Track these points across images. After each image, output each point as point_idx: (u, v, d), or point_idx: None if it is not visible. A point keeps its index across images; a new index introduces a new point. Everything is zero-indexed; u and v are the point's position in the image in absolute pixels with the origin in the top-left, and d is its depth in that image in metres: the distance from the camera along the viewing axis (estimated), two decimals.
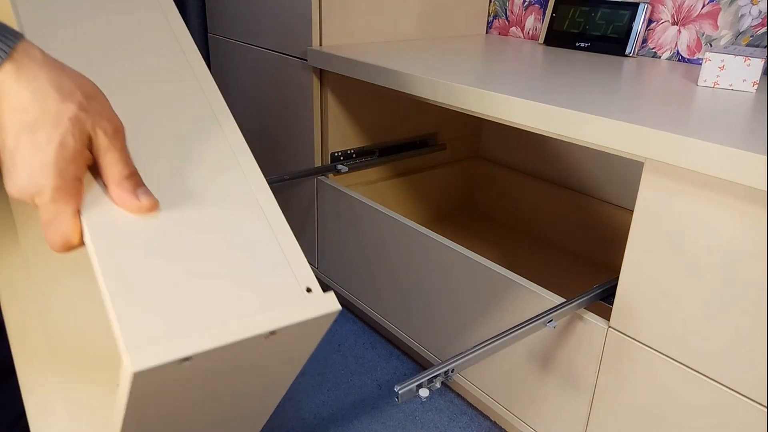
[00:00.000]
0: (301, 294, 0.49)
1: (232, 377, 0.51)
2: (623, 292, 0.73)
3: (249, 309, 0.46)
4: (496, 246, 1.39)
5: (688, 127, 0.65)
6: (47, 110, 0.40)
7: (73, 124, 0.41)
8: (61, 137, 0.40)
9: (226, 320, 0.44)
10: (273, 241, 0.52)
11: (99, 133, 0.43)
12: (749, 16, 0.99)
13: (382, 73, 0.97)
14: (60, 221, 0.43)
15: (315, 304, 0.48)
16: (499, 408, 0.96)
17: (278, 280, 0.49)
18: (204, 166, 0.55)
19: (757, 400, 0.64)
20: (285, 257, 0.52)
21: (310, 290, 0.50)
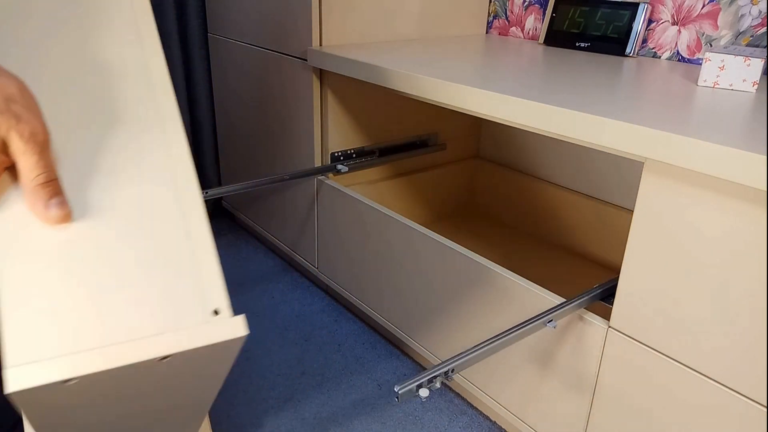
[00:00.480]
0: (205, 317, 0.46)
1: (137, 396, 0.48)
2: (623, 292, 0.73)
3: (144, 331, 0.43)
4: (496, 246, 1.39)
5: (688, 127, 0.65)
6: None
7: None
8: None
9: (116, 342, 0.42)
10: (188, 258, 0.49)
11: (14, 136, 0.41)
12: (749, 16, 0.99)
13: (382, 74, 0.97)
14: None
15: (217, 330, 0.45)
16: (499, 408, 0.96)
17: (183, 301, 0.46)
18: (133, 175, 0.52)
19: (757, 400, 0.64)
20: (198, 275, 0.48)
21: (218, 312, 0.47)
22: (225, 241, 1.64)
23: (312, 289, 1.41)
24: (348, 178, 1.28)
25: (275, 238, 1.48)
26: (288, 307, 1.34)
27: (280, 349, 1.20)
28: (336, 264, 1.25)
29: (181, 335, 0.44)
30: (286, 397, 1.07)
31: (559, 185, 1.36)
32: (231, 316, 0.46)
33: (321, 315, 1.31)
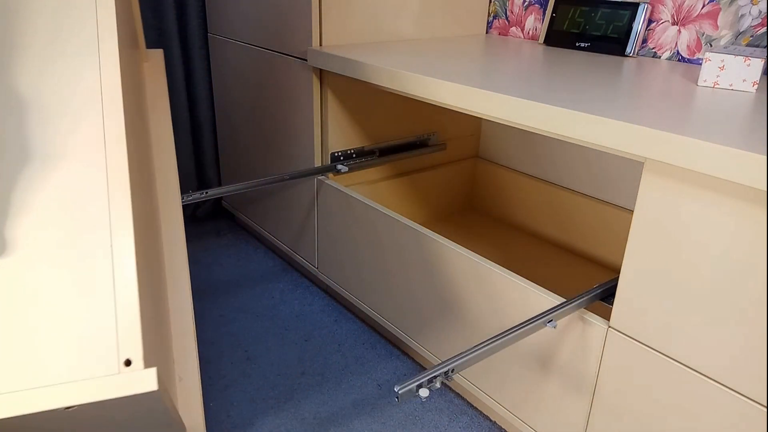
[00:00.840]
0: (113, 368, 0.44)
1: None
2: (623, 292, 0.73)
3: (52, 378, 0.42)
4: (496, 246, 1.39)
5: (688, 127, 0.65)
6: None
7: None
8: None
9: (19, 389, 0.41)
10: (108, 301, 0.46)
11: None
12: (749, 16, 0.99)
13: (382, 73, 0.97)
14: None
15: (124, 383, 0.43)
16: (499, 408, 0.96)
17: (94, 350, 0.43)
18: (67, 205, 0.48)
19: (757, 400, 0.64)
20: (117, 321, 0.46)
21: (130, 363, 0.44)
22: (225, 241, 1.64)
23: (312, 289, 1.41)
24: (348, 178, 1.28)
25: (275, 238, 1.48)
26: (288, 307, 1.34)
27: (280, 349, 1.20)
28: (336, 264, 1.25)
29: (86, 386, 0.42)
30: (286, 397, 1.07)
31: (560, 185, 1.36)
32: (143, 368, 0.44)
33: (321, 315, 1.31)
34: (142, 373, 0.44)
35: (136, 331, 0.45)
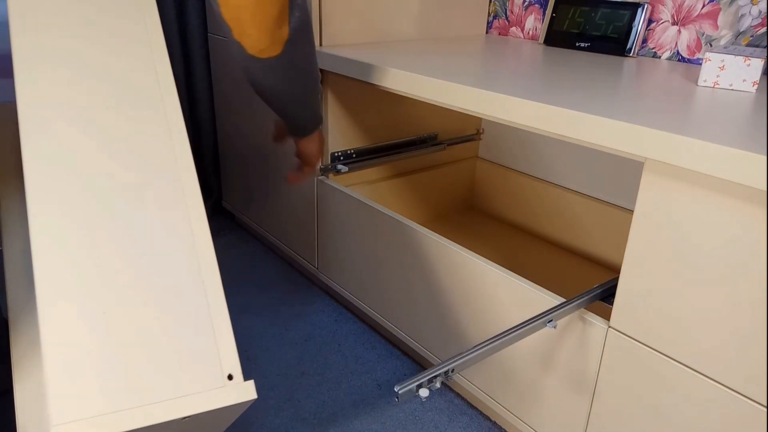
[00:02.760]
0: (221, 382, 0.53)
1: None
2: (623, 292, 0.73)
3: (169, 393, 0.50)
4: (496, 246, 1.39)
5: (688, 127, 0.64)
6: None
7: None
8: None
9: (144, 404, 0.49)
10: (207, 324, 0.55)
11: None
12: (749, 16, 0.99)
13: (383, 74, 0.97)
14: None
15: (231, 394, 0.52)
16: (499, 408, 0.96)
17: (202, 367, 0.52)
18: (155, 229, 0.57)
19: (757, 400, 0.64)
20: (215, 342, 0.54)
21: (231, 377, 0.53)
22: (225, 241, 1.64)
23: (312, 289, 1.41)
24: (348, 178, 1.28)
25: (275, 238, 1.48)
26: (288, 307, 1.34)
27: (280, 349, 1.20)
28: (336, 264, 1.25)
29: (201, 398, 0.51)
30: (286, 397, 1.07)
31: (559, 185, 1.36)
32: (242, 381, 0.54)
33: (321, 315, 1.31)
34: (243, 384, 0.53)
35: (233, 349, 0.55)
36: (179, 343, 0.53)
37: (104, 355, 0.50)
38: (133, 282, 0.54)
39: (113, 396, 0.49)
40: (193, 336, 0.54)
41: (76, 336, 0.50)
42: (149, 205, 0.59)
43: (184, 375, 0.52)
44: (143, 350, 0.52)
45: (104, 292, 0.53)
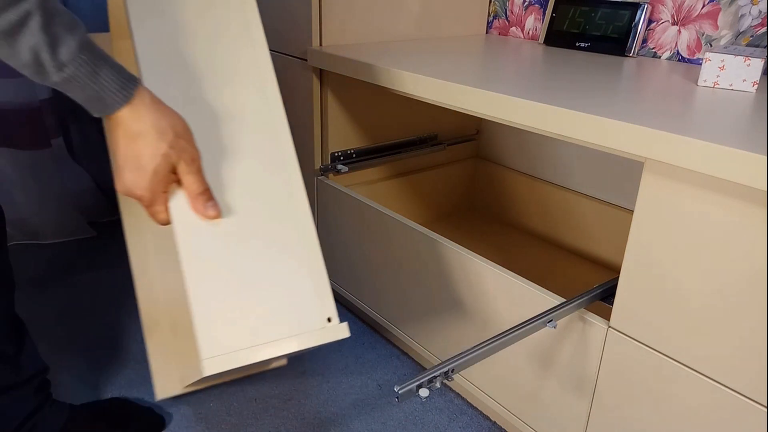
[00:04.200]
0: (323, 323, 0.66)
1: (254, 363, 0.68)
2: (623, 292, 0.73)
3: (288, 332, 0.64)
4: (496, 246, 1.39)
5: (688, 127, 0.65)
6: (148, 144, 0.57)
7: (163, 158, 0.58)
8: (155, 166, 0.58)
9: (270, 340, 0.63)
10: (310, 276, 0.68)
11: (181, 163, 0.60)
12: (749, 16, 0.99)
13: (382, 73, 0.97)
14: (154, 214, 0.62)
15: (331, 333, 0.66)
16: (499, 408, 0.96)
17: (309, 311, 0.66)
18: (263, 198, 0.69)
19: (757, 400, 0.64)
20: (316, 291, 0.67)
21: (330, 320, 0.67)
22: None
23: None
24: (348, 178, 1.28)
25: None
26: None
27: None
28: (336, 264, 1.25)
29: (310, 336, 0.65)
30: (286, 397, 1.07)
31: (560, 185, 1.36)
32: (339, 323, 0.67)
33: None
34: (340, 326, 0.66)
35: (330, 297, 0.67)
36: (291, 293, 0.65)
37: (237, 303, 0.63)
38: (256, 240, 0.66)
39: (246, 335, 0.62)
40: (301, 286, 0.66)
41: (216, 288, 0.62)
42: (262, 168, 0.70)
43: (295, 318, 0.65)
44: (267, 299, 0.64)
45: (235, 250, 0.64)
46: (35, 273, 1.46)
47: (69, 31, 0.52)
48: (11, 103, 1.44)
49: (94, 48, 0.55)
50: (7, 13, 0.49)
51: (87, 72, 0.53)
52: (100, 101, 0.55)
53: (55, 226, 1.60)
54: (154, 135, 0.57)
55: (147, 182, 0.59)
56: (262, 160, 0.70)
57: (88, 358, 1.16)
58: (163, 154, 0.58)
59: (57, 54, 0.51)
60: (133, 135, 0.57)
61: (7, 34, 0.50)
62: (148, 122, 0.57)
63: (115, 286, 1.41)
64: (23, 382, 0.85)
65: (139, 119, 0.57)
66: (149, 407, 1.02)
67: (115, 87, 0.55)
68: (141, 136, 0.57)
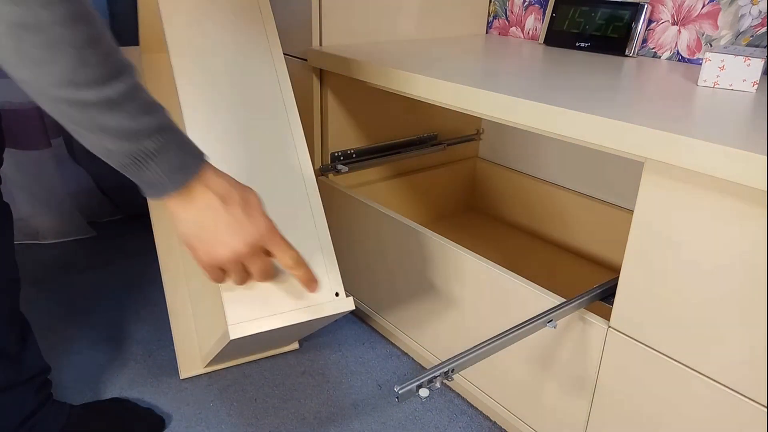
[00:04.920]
0: (331, 296, 0.73)
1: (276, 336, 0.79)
2: (623, 292, 0.73)
3: (300, 304, 0.72)
4: (496, 246, 1.39)
5: (688, 127, 0.65)
6: (225, 223, 0.60)
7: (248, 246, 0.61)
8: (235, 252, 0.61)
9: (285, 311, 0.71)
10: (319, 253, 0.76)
11: (261, 239, 0.63)
12: (749, 16, 0.99)
13: (382, 73, 0.97)
14: (235, 278, 0.65)
15: (339, 305, 0.73)
16: (499, 408, 0.96)
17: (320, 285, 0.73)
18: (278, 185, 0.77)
19: (757, 400, 0.64)
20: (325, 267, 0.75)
21: (338, 294, 0.74)
22: None
23: None
24: (348, 178, 1.28)
25: None
26: None
27: None
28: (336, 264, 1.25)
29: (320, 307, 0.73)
30: (286, 397, 1.07)
31: (559, 185, 1.36)
32: (345, 297, 0.74)
33: None
34: (346, 299, 0.74)
35: (337, 272, 0.76)
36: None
37: None
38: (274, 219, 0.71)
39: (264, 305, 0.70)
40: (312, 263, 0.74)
41: None
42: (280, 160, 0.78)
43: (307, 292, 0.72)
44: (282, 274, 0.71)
45: None
46: (35, 273, 1.46)
47: (148, 112, 0.53)
48: (11, 103, 1.44)
49: (173, 129, 0.56)
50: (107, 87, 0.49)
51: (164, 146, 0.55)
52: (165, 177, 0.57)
53: (55, 226, 1.60)
54: (229, 220, 0.60)
55: (231, 259, 0.62)
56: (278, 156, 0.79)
57: (87, 358, 1.16)
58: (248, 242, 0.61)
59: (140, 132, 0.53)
60: (208, 206, 0.59)
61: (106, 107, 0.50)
62: (218, 210, 0.59)
63: (115, 286, 1.41)
64: (24, 382, 0.85)
65: (207, 194, 0.59)
66: (149, 407, 1.02)
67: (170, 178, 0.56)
68: (217, 215, 0.59)
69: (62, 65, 0.46)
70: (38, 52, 0.46)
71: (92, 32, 0.48)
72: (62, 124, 0.51)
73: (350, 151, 1.26)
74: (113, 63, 0.50)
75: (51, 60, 0.46)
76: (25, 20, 0.44)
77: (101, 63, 0.49)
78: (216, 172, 0.59)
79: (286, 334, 0.85)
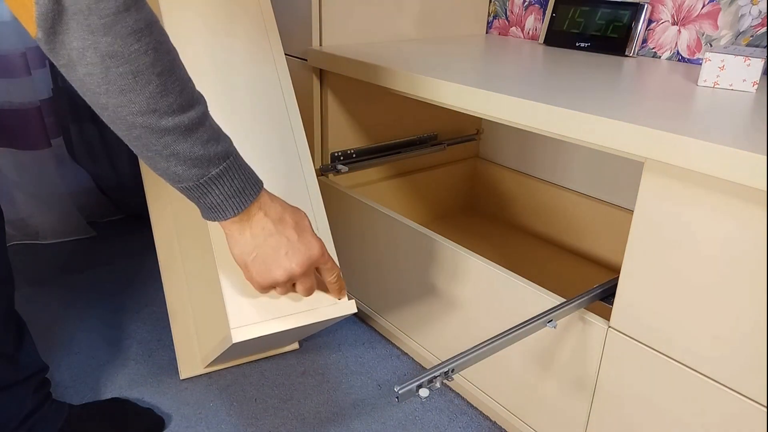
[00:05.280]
0: (333, 300, 0.74)
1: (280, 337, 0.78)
2: (623, 292, 0.73)
3: (303, 307, 0.72)
4: (496, 246, 1.39)
5: (688, 127, 0.65)
6: (282, 248, 0.62)
7: (302, 268, 0.63)
8: (290, 274, 0.63)
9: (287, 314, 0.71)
10: None
11: (315, 262, 0.65)
12: (749, 16, 0.99)
13: (382, 73, 0.97)
14: (281, 293, 0.67)
15: (341, 308, 0.74)
16: (499, 408, 0.96)
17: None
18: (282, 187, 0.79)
19: (757, 400, 0.64)
20: None
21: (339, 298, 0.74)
22: None
23: None
24: (348, 178, 1.28)
25: None
26: None
27: None
28: None
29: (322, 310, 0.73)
30: (286, 397, 1.07)
31: (559, 185, 1.36)
32: (347, 300, 0.74)
33: None
34: (348, 303, 0.74)
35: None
36: None
37: None
38: None
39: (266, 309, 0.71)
40: None
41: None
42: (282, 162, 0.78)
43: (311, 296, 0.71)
44: None
45: None
46: (35, 273, 1.46)
47: (216, 140, 0.56)
48: (11, 103, 1.44)
49: (237, 156, 0.59)
50: (184, 115, 0.52)
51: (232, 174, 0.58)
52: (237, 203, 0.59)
53: (55, 226, 1.60)
54: (286, 246, 0.63)
55: (283, 283, 0.65)
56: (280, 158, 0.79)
57: (87, 358, 1.16)
58: (300, 263, 0.63)
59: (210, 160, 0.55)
60: (263, 232, 0.62)
61: (181, 134, 0.52)
62: (272, 227, 0.62)
63: (115, 286, 1.41)
64: (22, 381, 0.85)
65: (262, 221, 0.61)
66: (149, 407, 1.02)
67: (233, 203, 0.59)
68: (274, 239, 0.62)
69: (146, 94, 0.49)
70: (125, 81, 0.48)
71: (173, 61, 0.51)
72: (133, 148, 0.53)
73: (350, 151, 1.26)
74: (189, 91, 0.52)
75: (136, 89, 0.48)
76: (117, 50, 0.47)
77: (180, 91, 0.51)
78: (271, 197, 0.62)
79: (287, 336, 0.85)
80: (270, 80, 0.82)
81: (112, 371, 1.13)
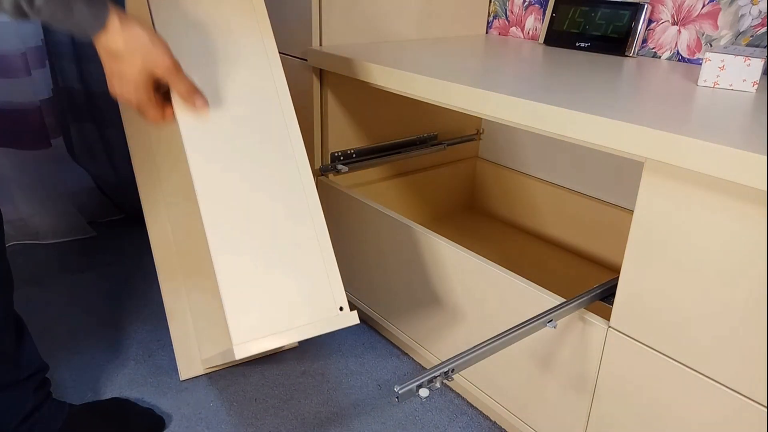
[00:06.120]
0: (336, 311, 0.73)
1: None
2: (623, 292, 0.73)
3: (305, 320, 0.71)
4: (497, 246, 1.39)
5: (688, 127, 0.65)
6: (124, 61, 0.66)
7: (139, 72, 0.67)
8: (134, 79, 0.67)
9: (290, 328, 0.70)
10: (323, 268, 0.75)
11: (158, 71, 0.68)
12: (749, 16, 0.99)
13: (383, 74, 0.97)
14: (144, 115, 0.72)
15: (344, 320, 0.73)
16: (499, 408, 0.96)
17: (323, 301, 0.73)
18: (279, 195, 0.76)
19: (757, 400, 0.64)
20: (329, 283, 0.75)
21: (342, 308, 0.73)
22: None
23: None
24: (348, 178, 1.28)
25: None
26: None
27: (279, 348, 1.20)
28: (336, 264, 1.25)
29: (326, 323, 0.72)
30: (286, 397, 1.07)
31: (560, 185, 1.36)
32: (349, 311, 0.74)
33: None
34: (350, 314, 0.73)
35: (341, 287, 0.74)
36: (308, 285, 0.72)
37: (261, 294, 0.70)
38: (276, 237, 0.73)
39: (269, 322, 0.69)
40: (316, 278, 0.74)
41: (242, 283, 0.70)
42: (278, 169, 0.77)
43: (312, 307, 0.72)
44: (287, 290, 0.71)
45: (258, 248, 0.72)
46: (35, 273, 1.46)
47: None
48: (11, 103, 1.44)
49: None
50: None
51: (61, 10, 0.61)
52: (82, 31, 0.64)
53: (55, 226, 1.60)
54: (128, 53, 0.66)
55: (131, 92, 0.68)
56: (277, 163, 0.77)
57: (88, 358, 1.16)
58: (139, 69, 0.67)
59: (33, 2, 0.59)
60: (112, 54, 0.66)
61: None
62: (121, 43, 0.65)
63: (114, 286, 1.41)
64: (22, 381, 0.85)
65: (114, 41, 0.65)
66: (149, 407, 1.02)
67: (90, 18, 0.63)
68: (118, 55, 0.66)
69: None
70: None
71: None
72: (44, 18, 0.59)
73: (350, 151, 1.26)
74: None
75: None
76: None
77: None
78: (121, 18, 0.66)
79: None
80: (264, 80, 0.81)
81: (112, 371, 1.13)
